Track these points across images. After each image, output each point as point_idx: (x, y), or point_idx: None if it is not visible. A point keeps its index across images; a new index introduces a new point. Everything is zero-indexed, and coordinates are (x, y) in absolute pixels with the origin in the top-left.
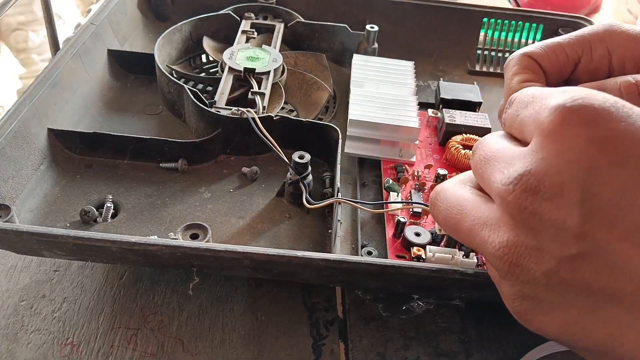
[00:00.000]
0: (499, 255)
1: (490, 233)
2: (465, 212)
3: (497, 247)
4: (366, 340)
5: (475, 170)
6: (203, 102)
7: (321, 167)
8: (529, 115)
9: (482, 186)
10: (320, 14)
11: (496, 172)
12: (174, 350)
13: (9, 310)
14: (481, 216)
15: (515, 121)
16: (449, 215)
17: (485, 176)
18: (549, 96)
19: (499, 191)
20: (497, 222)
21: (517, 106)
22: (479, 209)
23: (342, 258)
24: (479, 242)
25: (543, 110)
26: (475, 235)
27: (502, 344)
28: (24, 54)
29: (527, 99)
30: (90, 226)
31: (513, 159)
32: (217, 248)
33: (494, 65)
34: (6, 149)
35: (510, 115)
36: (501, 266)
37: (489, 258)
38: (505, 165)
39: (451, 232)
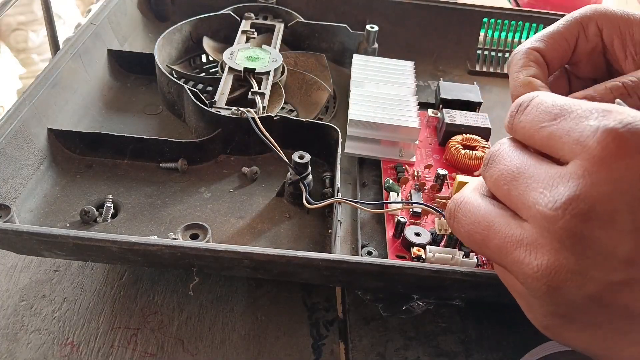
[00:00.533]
0: (536, 277)
1: (526, 254)
2: (494, 229)
3: (536, 269)
4: (366, 340)
5: (496, 186)
6: (203, 102)
7: (321, 167)
8: (564, 132)
9: (507, 203)
10: (320, 14)
11: (532, 192)
12: (174, 350)
13: (9, 310)
14: (513, 234)
15: (539, 132)
16: (475, 231)
17: (514, 194)
18: (588, 114)
19: (543, 214)
20: (534, 243)
21: (540, 116)
22: (509, 227)
23: (342, 258)
24: (510, 262)
25: (586, 131)
26: (506, 254)
27: (502, 344)
28: (24, 54)
29: (555, 110)
30: (90, 226)
31: (553, 180)
32: (217, 248)
33: (494, 65)
34: (6, 149)
35: (530, 124)
36: (538, 288)
37: (523, 279)
38: (545, 187)
39: (474, 247)
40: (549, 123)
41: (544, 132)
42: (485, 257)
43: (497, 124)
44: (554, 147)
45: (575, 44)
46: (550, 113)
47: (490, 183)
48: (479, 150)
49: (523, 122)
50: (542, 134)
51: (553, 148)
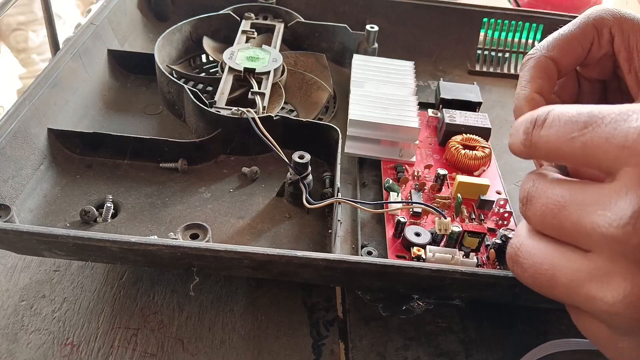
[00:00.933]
0: (616, 311)
1: (597, 288)
2: (558, 267)
3: (613, 301)
4: (366, 340)
5: (544, 223)
6: (203, 102)
7: (321, 167)
8: (602, 140)
9: (562, 237)
10: (320, 14)
11: (589, 217)
12: (174, 350)
13: (9, 310)
14: (579, 268)
15: (569, 144)
16: (539, 272)
17: (568, 226)
18: (625, 117)
19: (609, 236)
20: (605, 273)
21: (566, 127)
22: (573, 261)
23: (342, 258)
24: (583, 299)
25: (631, 134)
26: (577, 292)
27: (502, 344)
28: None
29: (583, 118)
30: (90, 226)
31: (609, 198)
32: (217, 248)
33: (494, 65)
34: (6, 149)
35: (556, 136)
36: (622, 322)
37: (601, 315)
38: (602, 207)
39: (543, 291)
40: (579, 132)
41: (575, 143)
42: (556, 299)
43: (497, 124)
44: (592, 158)
45: (590, 49)
46: (577, 122)
47: (536, 220)
48: (479, 150)
49: (546, 136)
50: (574, 145)
51: (591, 158)
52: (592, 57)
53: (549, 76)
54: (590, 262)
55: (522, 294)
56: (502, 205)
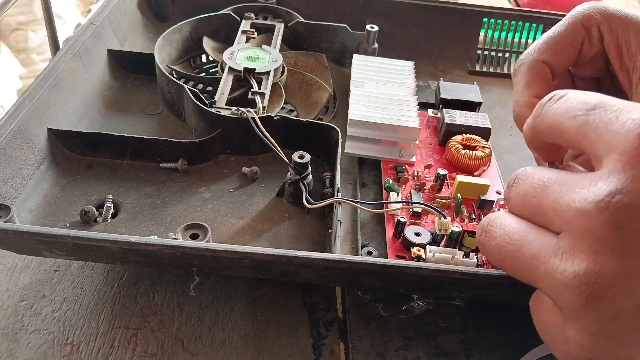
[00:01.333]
0: (573, 286)
1: (561, 262)
2: (528, 240)
3: (572, 276)
4: (366, 340)
5: (524, 201)
6: (203, 102)
7: (321, 167)
8: (602, 123)
9: (537, 217)
10: (320, 14)
11: (567, 194)
12: (174, 350)
13: (9, 310)
14: (547, 243)
15: (572, 120)
16: (507, 242)
17: (546, 203)
18: (631, 108)
19: (581, 210)
20: (571, 249)
21: (577, 105)
22: (543, 237)
23: (342, 258)
24: (542, 273)
25: (629, 123)
26: (538, 265)
27: (502, 344)
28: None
29: (594, 100)
30: (90, 226)
31: (590, 180)
32: (217, 248)
33: (494, 65)
34: (6, 149)
35: (565, 110)
36: (575, 299)
37: (557, 291)
38: (582, 187)
39: (505, 261)
40: (585, 112)
41: (578, 120)
42: (513, 274)
43: (497, 124)
44: (586, 138)
45: (580, 48)
46: (588, 103)
47: (518, 199)
48: (479, 150)
49: (556, 108)
50: (576, 121)
51: (585, 138)
52: (584, 56)
53: (544, 79)
54: (559, 240)
55: (523, 293)
56: (502, 205)
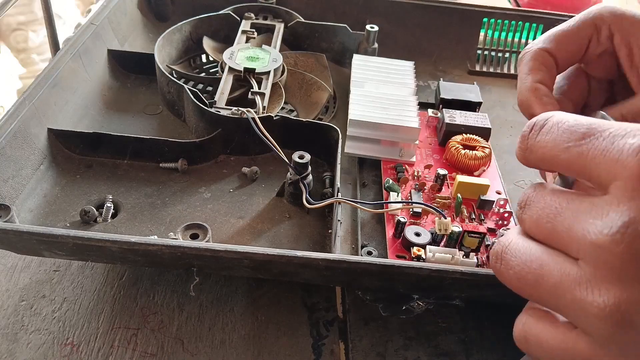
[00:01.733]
0: (604, 316)
1: (587, 292)
2: (549, 268)
3: (602, 306)
4: (366, 340)
5: (538, 225)
6: (203, 102)
7: (321, 167)
8: (598, 152)
9: (552, 241)
10: (320, 14)
11: (581, 224)
12: (174, 350)
13: (9, 310)
14: (569, 272)
15: (565, 152)
16: (526, 271)
17: (560, 230)
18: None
19: (597, 243)
20: (594, 278)
21: (564, 135)
22: (563, 265)
23: (342, 258)
24: (569, 302)
25: (626, 149)
26: (564, 294)
27: (502, 344)
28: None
29: (582, 129)
30: (90, 226)
31: (601, 209)
32: (217, 248)
33: (494, 65)
34: (6, 149)
35: (553, 143)
36: (607, 329)
37: (587, 321)
38: (594, 216)
39: (527, 289)
40: (576, 142)
41: (571, 152)
42: (537, 301)
43: (497, 124)
44: (585, 168)
45: (587, 45)
46: (575, 132)
47: (531, 223)
48: (479, 150)
49: (543, 141)
50: (570, 153)
51: (584, 169)
52: (592, 53)
53: (548, 68)
54: (579, 269)
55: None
56: (502, 205)
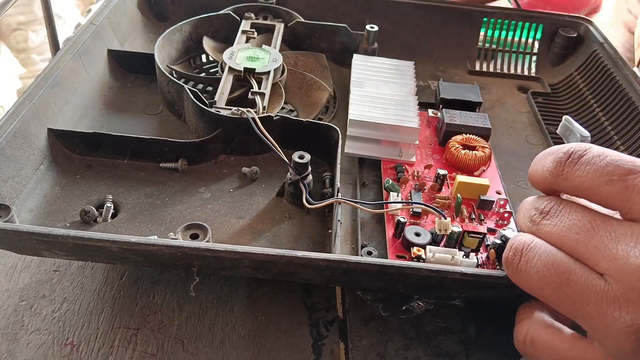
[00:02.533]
0: (628, 333)
1: (615, 309)
2: (575, 275)
3: (629, 324)
4: (366, 340)
5: (564, 237)
6: (203, 102)
7: (321, 167)
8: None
9: (579, 254)
10: (320, 14)
11: (615, 245)
12: (174, 350)
13: (9, 310)
14: (596, 285)
15: (607, 186)
16: (551, 274)
17: (592, 244)
18: None
19: (633, 268)
20: (623, 297)
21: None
22: (590, 277)
23: (342, 258)
24: (593, 313)
25: None
26: (587, 304)
27: (502, 344)
28: (24, 54)
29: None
30: (90, 226)
31: (635, 235)
32: (217, 248)
33: (494, 65)
34: (6, 149)
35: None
36: (628, 345)
37: (609, 334)
38: (628, 241)
39: (545, 290)
40: (621, 177)
41: (615, 185)
42: (554, 303)
43: (497, 124)
44: (627, 202)
45: None
46: (621, 167)
47: (557, 231)
48: (479, 150)
49: (582, 172)
50: (614, 187)
51: (626, 202)
52: None
53: None
54: (608, 284)
55: (523, 294)
56: (502, 205)
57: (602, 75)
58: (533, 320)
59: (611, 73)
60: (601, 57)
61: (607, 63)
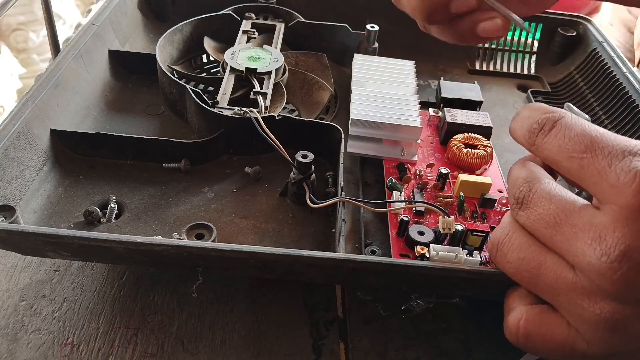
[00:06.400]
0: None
1: (584, 300)
2: (545, 268)
3: (599, 316)
4: (366, 340)
5: (535, 228)
6: (206, 102)
7: (323, 166)
8: (596, 171)
9: (549, 244)
10: (321, 14)
11: (579, 242)
12: (174, 350)
13: (9, 310)
14: (566, 277)
15: (567, 161)
16: (524, 268)
17: (559, 239)
18: (621, 155)
19: (597, 268)
20: (590, 291)
21: (569, 144)
22: (560, 269)
23: (348, 257)
24: (565, 302)
25: (621, 177)
26: (558, 294)
27: (502, 344)
28: (24, 54)
29: (585, 141)
30: (94, 227)
31: (599, 231)
32: (224, 248)
33: (494, 65)
34: (9, 150)
35: (558, 149)
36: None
37: (581, 323)
38: (593, 238)
39: (523, 282)
40: (579, 155)
41: (573, 163)
42: (535, 293)
43: (498, 123)
44: (583, 181)
45: None
46: (580, 143)
47: (529, 224)
48: (480, 148)
49: (549, 145)
50: (572, 164)
51: (582, 181)
52: None
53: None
54: (576, 277)
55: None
56: (504, 203)
57: (602, 74)
58: (525, 307)
59: (611, 71)
60: (600, 55)
61: (607, 61)
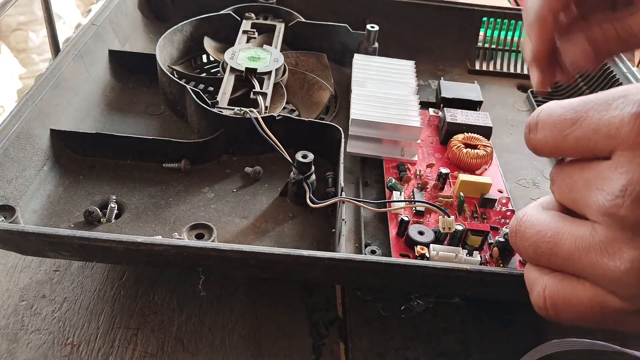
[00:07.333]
0: (621, 276)
1: (602, 255)
2: (563, 234)
3: (620, 266)
4: (366, 340)
5: (563, 198)
6: (206, 102)
7: (323, 166)
8: (591, 132)
9: (577, 210)
10: (321, 14)
11: (591, 192)
12: (174, 350)
13: (9, 310)
14: (583, 235)
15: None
16: (541, 240)
17: (578, 198)
18: (607, 106)
19: (605, 209)
20: (607, 241)
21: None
22: (577, 228)
23: (348, 257)
24: (587, 265)
25: (614, 123)
26: (579, 258)
27: (502, 344)
28: (24, 54)
29: (569, 114)
30: (94, 227)
31: (604, 177)
32: (224, 248)
33: (493, 64)
34: (9, 150)
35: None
36: (628, 288)
37: (607, 282)
38: (598, 184)
39: (542, 260)
40: (570, 129)
41: (570, 139)
42: (555, 267)
43: (498, 123)
44: (587, 148)
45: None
46: (566, 119)
47: (557, 195)
48: (480, 148)
49: (542, 138)
50: (569, 141)
51: (587, 149)
52: None
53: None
54: (592, 233)
55: (526, 292)
56: (504, 203)
57: (602, 74)
58: (547, 276)
59: (611, 71)
60: None
61: (607, 61)
